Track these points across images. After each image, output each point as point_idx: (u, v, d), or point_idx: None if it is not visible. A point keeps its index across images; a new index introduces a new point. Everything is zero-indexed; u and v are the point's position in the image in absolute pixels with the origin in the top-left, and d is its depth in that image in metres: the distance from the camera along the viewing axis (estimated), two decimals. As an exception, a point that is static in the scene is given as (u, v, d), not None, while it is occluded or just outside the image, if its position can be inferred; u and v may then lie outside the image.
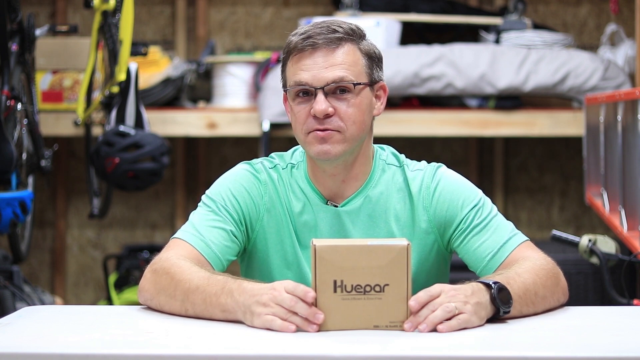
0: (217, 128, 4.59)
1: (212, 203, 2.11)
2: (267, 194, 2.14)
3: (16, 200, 3.46)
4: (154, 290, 1.96)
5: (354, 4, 4.73)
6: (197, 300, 1.87)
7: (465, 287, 1.80)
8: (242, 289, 1.82)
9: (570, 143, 5.01)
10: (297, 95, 2.07)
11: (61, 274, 5.25)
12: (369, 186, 2.14)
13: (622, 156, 3.19)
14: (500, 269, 2.02)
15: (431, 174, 2.13)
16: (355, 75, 2.06)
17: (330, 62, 2.04)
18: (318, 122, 2.05)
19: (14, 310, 3.49)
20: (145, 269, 2.03)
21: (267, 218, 2.13)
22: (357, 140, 2.08)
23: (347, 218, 2.12)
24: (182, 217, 5.09)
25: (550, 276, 1.97)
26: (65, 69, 4.72)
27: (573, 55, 4.51)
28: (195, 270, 1.93)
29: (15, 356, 1.63)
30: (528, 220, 5.16)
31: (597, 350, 1.66)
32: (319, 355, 1.64)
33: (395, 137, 4.82)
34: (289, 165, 2.18)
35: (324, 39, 2.05)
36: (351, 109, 2.05)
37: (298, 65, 2.06)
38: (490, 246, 2.06)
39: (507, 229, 2.09)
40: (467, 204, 2.10)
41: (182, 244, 2.06)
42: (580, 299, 3.90)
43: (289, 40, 2.08)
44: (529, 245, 2.07)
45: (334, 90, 2.05)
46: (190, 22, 5.23)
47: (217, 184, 2.15)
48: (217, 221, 2.08)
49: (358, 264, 1.75)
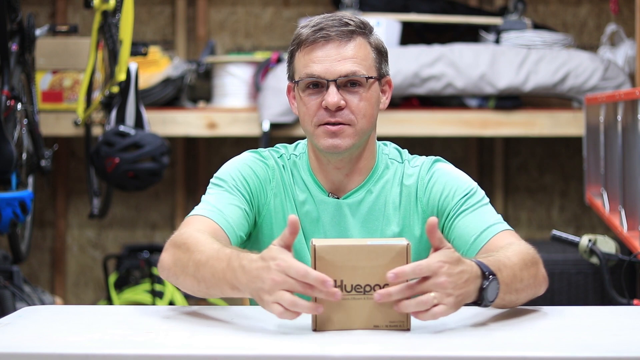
0: (217, 128, 4.59)
1: (224, 183, 2.11)
2: (275, 179, 2.15)
3: (16, 200, 3.46)
4: (171, 262, 1.93)
5: (354, 4, 4.74)
6: (207, 274, 1.84)
7: (465, 270, 1.73)
8: (242, 267, 1.76)
9: (570, 143, 5.01)
10: (307, 87, 2.08)
11: (61, 274, 5.25)
12: (372, 180, 2.15)
13: (622, 156, 3.19)
14: (483, 251, 2.01)
15: (427, 167, 2.15)
16: (366, 69, 2.07)
17: (342, 55, 2.05)
18: (329, 115, 2.05)
19: (14, 310, 3.49)
20: (164, 247, 1.99)
21: (273, 203, 2.14)
22: (365, 134, 2.09)
23: (347, 210, 2.13)
24: (182, 217, 5.08)
25: (533, 263, 1.95)
26: (65, 69, 4.73)
27: (573, 55, 4.51)
28: (209, 242, 1.89)
29: (15, 356, 1.63)
30: (528, 220, 5.16)
31: (597, 350, 1.66)
32: (319, 355, 1.64)
33: (395, 137, 4.80)
34: (292, 155, 2.19)
35: (336, 32, 2.06)
36: (362, 102, 2.06)
37: (310, 57, 2.06)
38: (475, 228, 2.06)
39: (494, 216, 2.09)
40: (459, 192, 2.11)
41: (201, 218, 2.03)
42: (580, 299, 3.90)
43: (299, 32, 2.08)
44: (512, 233, 2.06)
45: (345, 83, 2.06)
46: (190, 22, 5.23)
47: (225, 167, 2.15)
48: (232, 199, 2.08)
49: (358, 264, 1.75)
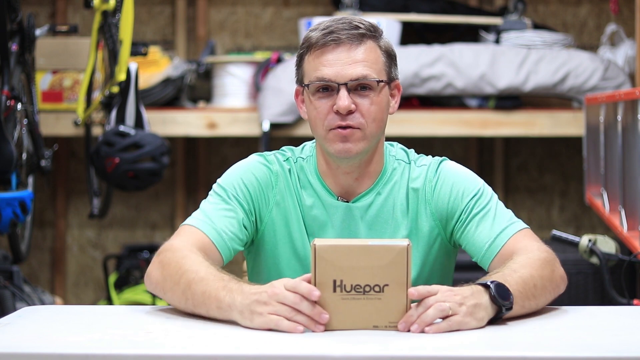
0: (217, 128, 4.59)
1: (224, 192, 2.11)
2: (278, 185, 2.14)
3: (16, 200, 3.46)
4: (160, 276, 1.95)
5: (353, 4, 4.73)
6: (198, 291, 1.85)
7: (464, 288, 1.80)
8: (241, 290, 1.81)
9: (570, 143, 5.01)
10: (317, 90, 2.07)
11: (61, 274, 5.25)
12: (380, 183, 2.15)
13: (622, 156, 3.19)
14: (498, 257, 2.03)
15: (434, 169, 2.15)
16: (376, 72, 2.06)
17: (353, 59, 2.05)
18: (340, 118, 2.05)
19: (14, 310, 3.49)
20: (154, 255, 2.01)
21: (276, 210, 2.13)
22: (375, 138, 2.09)
23: (357, 213, 2.13)
24: (182, 217, 5.08)
25: (545, 265, 1.96)
26: (65, 69, 4.72)
27: (573, 55, 4.51)
28: (205, 264, 1.92)
29: (15, 356, 1.63)
30: (528, 220, 5.16)
31: (597, 350, 1.66)
32: (319, 355, 1.64)
33: (395, 137, 4.79)
34: (299, 159, 2.18)
35: (347, 35, 2.05)
36: (373, 106, 2.06)
37: (320, 60, 2.05)
38: (488, 234, 2.06)
39: (506, 217, 2.09)
40: (467, 194, 2.11)
41: (193, 230, 2.05)
42: (580, 299, 3.90)
43: (309, 36, 2.07)
44: (526, 234, 2.07)
45: (355, 87, 2.05)
46: (190, 22, 5.23)
47: (229, 172, 2.15)
48: (228, 210, 2.08)
49: (358, 264, 1.75)
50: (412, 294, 1.75)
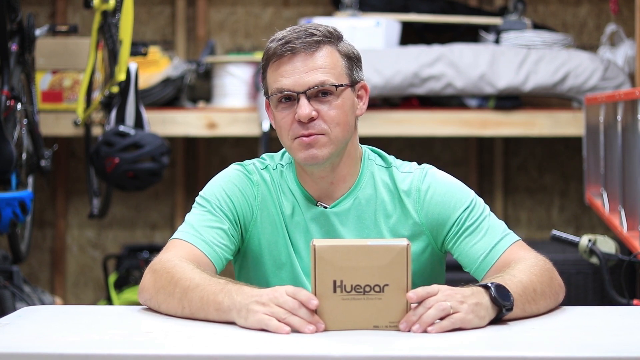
0: (217, 128, 4.59)
1: (207, 203, 2.11)
2: (260, 194, 2.14)
3: (16, 200, 3.46)
4: (153, 289, 1.96)
5: (353, 4, 4.74)
6: (195, 298, 1.86)
7: (464, 289, 1.81)
8: (241, 290, 1.82)
9: (570, 143, 5.01)
10: (279, 101, 2.08)
11: (61, 274, 5.25)
12: (358, 187, 2.14)
13: (622, 156, 3.19)
14: (493, 269, 2.03)
15: (422, 176, 2.14)
16: (335, 77, 2.06)
17: (310, 66, 2.05)
18: (303, 127, 2.05)
19: (13, 310, 3.49)
20: (145, 270, 2.03)
21: (260, 219, 2.14)
22: (342, 142, 2.09)
23: (336, 219, 2.13)
24: (182, 217, 5.06)
25: (544, 272, 1.97)
26: (65, 69, 4.73)
27: (573, 55, 4.51)
28: (197, 271, 1.93)
29: (15, 356, 1.63)
30: (528, 220, 5.16)
31: (597, 350, 1.66)
32: (319, 355, 1.64)
33: (395, 137, 4.82)
34: (279, 165, 2.18)
35: (302, 43, 2.05)
36: (333, 110, 2.06)
37: (278, 71, 2.06)
38: (482, 247, 2.07)
39: (499, 229, 2.09)
40: (459, 205, 2.10)
41: (182, 243, 2.06)
42: (580, 299, 3.90)
43: (267, 47, 2.08)
44: (521, 246, 2.08)
45: (315, 93, 2.05)
46: (190, 22, 5.23)
47: (210, 185, 2.16)
48: (214, 221, 2.09)
49: (358, 264, 1.75)
50: (410, 298, 1.75)
